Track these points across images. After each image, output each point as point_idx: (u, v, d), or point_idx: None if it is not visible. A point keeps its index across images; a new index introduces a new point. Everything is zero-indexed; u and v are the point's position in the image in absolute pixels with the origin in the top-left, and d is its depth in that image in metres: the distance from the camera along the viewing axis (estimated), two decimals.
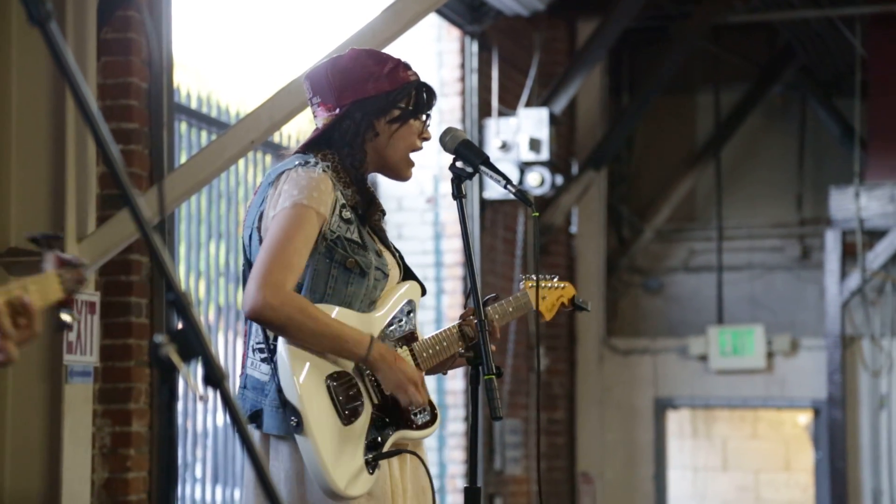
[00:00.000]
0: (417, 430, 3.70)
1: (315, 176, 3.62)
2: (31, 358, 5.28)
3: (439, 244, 9.36)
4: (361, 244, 3.66)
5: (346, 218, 3.65)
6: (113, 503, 5.96)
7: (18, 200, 5.34)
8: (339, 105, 3.71)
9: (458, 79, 9.49)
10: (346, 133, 3.71)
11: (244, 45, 8.03)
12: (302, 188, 3.59)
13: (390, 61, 3.75)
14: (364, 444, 3.58)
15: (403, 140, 3.74)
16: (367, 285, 3.67)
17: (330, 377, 3.58)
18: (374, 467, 3.58)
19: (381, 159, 3.75)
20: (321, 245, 3.62)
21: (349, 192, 3.69)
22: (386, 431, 3.63)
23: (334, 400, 3.56)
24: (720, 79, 11.68)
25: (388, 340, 3.70)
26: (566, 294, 4.21)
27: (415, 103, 3.74)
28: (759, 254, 11.60)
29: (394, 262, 3.81)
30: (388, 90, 3.70)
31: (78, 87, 2.12)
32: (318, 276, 3.63)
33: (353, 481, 3.53)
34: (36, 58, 5.31)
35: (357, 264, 3.64)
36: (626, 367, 11.39)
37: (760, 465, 12.53)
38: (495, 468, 9.68)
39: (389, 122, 3.72)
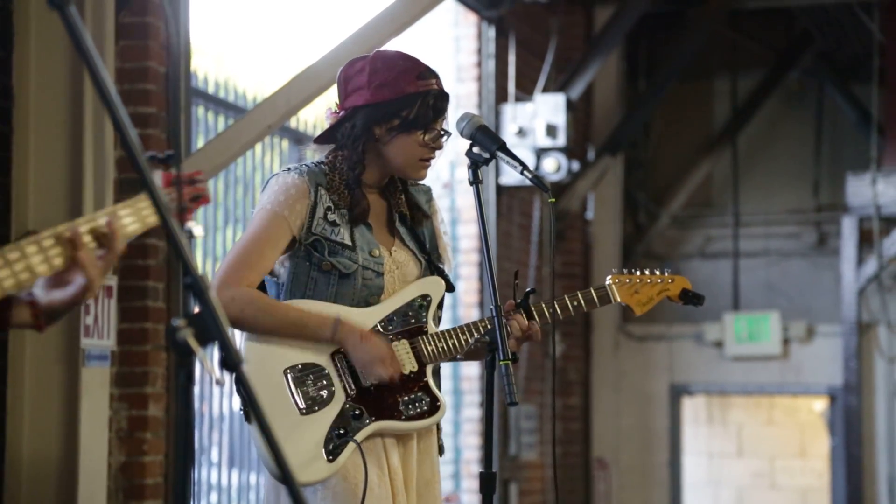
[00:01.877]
0: (406, 422, 3.71)
1: (288, 182, 3.72)
2: (48, 341, 5.30)
3: (455, 230, 9.36)
4: (350, 245, 3.71)
5: (332, 220, 3.71)
6: (130, 486, 5.98)
7: (36, 184, 5.36)
8: (344, 108, 3.78)
9: (474, 64, 9.48)
10: (346, 135, 3.77)
11: (262, 30, 8.04)
12: (272, 193, 3.72)
13: (399, 67, 3.74)
14: (326, 434, 3.61)
15: (403, 148, 3.75)
16: (353, 285, 3.71)
17: (291, 368, 3.65)
18: (335, 455, 3.60)
19: (384, 162, 3.79)
20: (299, 249, 3.70)
21: (341, 195, 3.73)
22: (360, 422, 3.65)
23: (292, 390, 3.63)
24: (737, 64, 11.65)
25: (382, 334, 3.72)
26: (674, 288, 4.06)
27: (416, 115, 3.73)
28: (776, 240, 11.58)
29: (408, 260, 3.82)
30: (390, 98, 3.71)
31: (97, 70, 2.12)
32: (297, 278, 3.72)
33: (303, 468, 3.57)
34: (54, 42, 5.32)
35: (334, 267, 3.69)
36: (641, 354, 11.39)
37: (776, 452, 12.53)
38: (510, 453, 9.69)
39: (389, 129, 3.74)
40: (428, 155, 3.77)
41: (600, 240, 11.10)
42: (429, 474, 3.79)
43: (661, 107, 11.47)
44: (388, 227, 3.85)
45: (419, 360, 3.74)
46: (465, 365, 9.24)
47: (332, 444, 3.61)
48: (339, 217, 3.72)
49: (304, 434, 3.60)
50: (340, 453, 3.61)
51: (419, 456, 3.76)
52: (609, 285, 3.99)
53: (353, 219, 3.74)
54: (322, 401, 3.63)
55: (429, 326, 3.79)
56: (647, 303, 4.04)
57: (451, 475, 9.38)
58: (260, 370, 3.63)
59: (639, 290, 4.03)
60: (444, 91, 3.78)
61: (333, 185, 3.74)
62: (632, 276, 4.02)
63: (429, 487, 3.79)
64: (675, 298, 4.08)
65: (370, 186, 3.81)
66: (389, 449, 3.69)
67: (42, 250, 2.34)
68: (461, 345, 3.76)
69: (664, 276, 4.06)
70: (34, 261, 2.32)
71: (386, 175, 3.83)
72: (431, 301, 3.81)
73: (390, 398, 3.69)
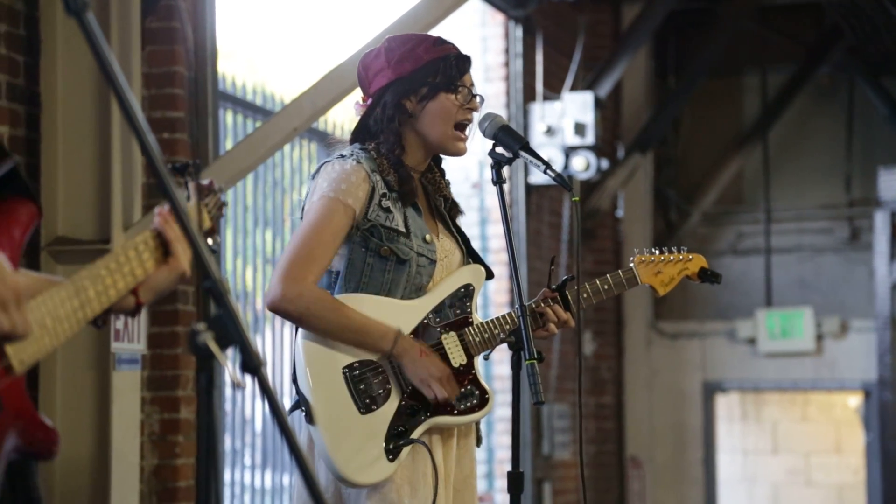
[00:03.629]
0: (458, 416, 3.69)
1: (347, 168, 3.65)
2: (79, 346, 5.33)
3: (485, 229, 9.36)
4: (404, 232, 3.67)
5: (386, 206, 3.67)
6: (162, 489, 6.00)
7: (65, 190, 5.38)
8: (370, 95, 3.75)
9: (502, 64, 9.48)
10: (379, 119, 3.73)
11: (289, 33, 8.06)
12: (331, 181, 3.64)
13: (413, 40, 3.76)
14: (386, 433, 3.60)
15: (437, 116, 3.72)
16: (408, 272, 3.68)
17: (349, 367, 3.61)
18: (395, 455, 3.59)
19: (422, 139, 3.75)
20: (356, 235, 3.65)
21: (391, 179, 3.70)
22: (417, 419, 3.64)
23: (351, 389, 3.60)
24: (767, 60, 11.60)
25: (432, 326, 3.71)
26: (692, 266, 4.01)
27: (442, 77, 3.72)
28: (808, 236, 11.53)
29: (453, 248, 3.81)
30: (412, 69, 3.70)
31: (114, 76, 2.13)
32: (353, 265, 3.67)
33: (364, 469, 3.56)
34: (81, 48, 5.35)
35: (392, 252, 3.65)
36: (674, 351, 11.36)
37: (811, 448, 12.47)
38: (543, 453, 9.68)
39: (419, 100, 3.72)
40: (462, 117, 3.74)
41: (631, 238, 11.07)
42: (467, 470, 3.78)
43: (691, 103, 11.44)
44: (431, 213, 3.83)
45: (467, 351, 3.72)
46: (497, 364, 9.23)
47: (391, 443, 3.59)
48: (392, 202, 3.68)
49: (364, 434, 3.58)
50: (400, 452, 3.60)
51: (459, 452, 3.75)
52: (633, 266, 3.97)
53: (402, 198, 3.70)
54: (380, 399, 3.61)
55: (474, 317, 3.77)
56: (668, 283, 4.00)
57: (485, 475, 9.38)
58: (319, 370, 3.60)
59: (661, 271, 3.99)
60: (463, 52, 3.78)
61: (384, 168, 3.69)
62: (654, 255, 3.99)
63: (466, 483, 3.77)
64: (694, 277, 4.03)
65: (412, 169, 3.76)
66: (434, 446, 3.67)
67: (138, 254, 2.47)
68: (505, 335, 3.72)
69: (684, 254, 4.01)
70: (134, 264, 2.46)
71: (425, 156, 3.79)
72: (474, 290, 3.78)
73: None
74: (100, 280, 2.38)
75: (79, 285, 2.35)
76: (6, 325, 2.16)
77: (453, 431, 3.73)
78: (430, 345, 3.70)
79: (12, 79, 5.33)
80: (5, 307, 2.15)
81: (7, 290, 2.15)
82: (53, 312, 2.30)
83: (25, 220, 2.37)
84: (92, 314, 2.38)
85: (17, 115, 5.36)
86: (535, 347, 3.58)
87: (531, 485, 9.42)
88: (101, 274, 2.39)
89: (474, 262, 3.86)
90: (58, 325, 2.30)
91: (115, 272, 2.41)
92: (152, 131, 2.18)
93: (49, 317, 2.29)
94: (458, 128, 3.75)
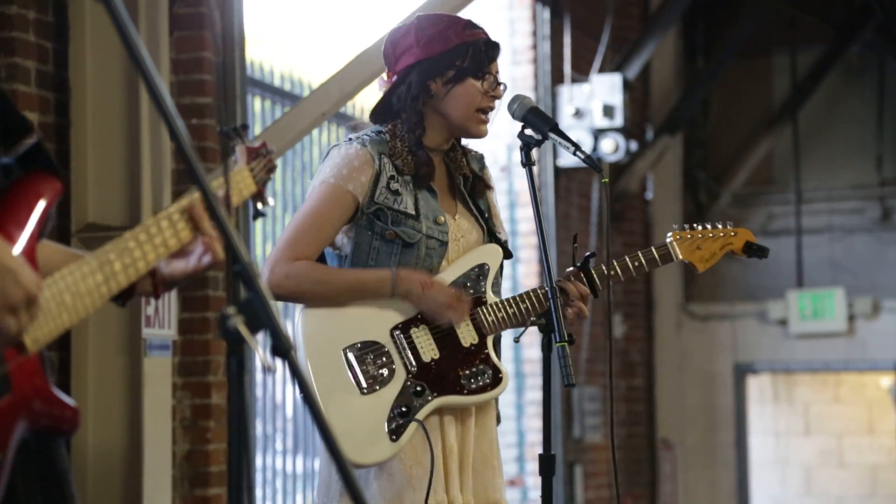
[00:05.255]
0: (469, 396, 3.66)
1: (350, 152, 3.65)
2: (110, 332, 5.35)
3: (514, 213, 9.35)
4: (413, 214, 3.66)
5: (394, 189, 3.65)
6: (194, 474, 6.02)
7: (95, 176, 5.40)
8: (396, 72, 3.73)
9: (530, 46, 9.46)
10: (402, 98, 3.72)
11: (317, 17, 8.05)
12: (333, 166, 3.65)
13: (444, 21, 3.74)
14: (389, 413, 3.58)
15: (462, 99, 3.71)
16: (416, 254, 3.67)
17: (350, 347, 3.60)
18: (397, 434, 3.57)
19: (444, 120, 3.73)
20: (361, 219, 3.64)
21: (405, 160, 3.69)
22: (422, 398, 3.61)
23: (352, 370, 3.59)
24: (796, 40, 11.53)
25: None
26: (737, 242, 3.94)
27: (471, 62, 3.71)
28: (839, 216, 11.47)
29: (471, 227, 3.79)
30: (441, 51, 3.69)
31: (142, 61, 2.13)
32: (360, 248, 3.66)
33: (365, 449, 3.54)
34: (110, 33, 5.35)
35: (398, 236, 3.64)
36: (704, 333, 11.32)
37: (843, 429, 12.42)
38: (574, 436, 9.67)
39: (445, 82, 3.71)
40: (486, 104, 3.73)
41: (660, 220, 11.03)
42: (486, 450, 3.74)
43: (720, 84, 11.38)
44: (451, 193, 3.81)
45: (479, 331, 3.70)
46: (527, 347, 9.22)
47: (394, 423, 3.57)
48: (402, 185, 3.67)
49: (366, 414, 3.57)
50: (403, 432, 3.57)
51: (477, 431, 3.71)
52: (670, 242, 3.92)
53: (417, 181, 3.69)
54: (383, 379, 3.60)
55: (487, 296, 3.74)
56: (709, 258, 3.93)
57: (515, 458, 9.37)
58: (320, 350, 3.59)
59: (701, 246, 3.93)
60: (492, 39, 3.76)
61: (396, 152, 3.69)
62: (693, 231, 3.93)
63: (486, 463, 3.73)
64: (739, 252, 3.96)
65: (432, 150, 3.75)
66: (447, 427, 3.65)
67: (172, 224, 2.43)
68: (520, 314, 3.71)
69: (727, 229, 3.95)
70: (168, 234, 2.42)
71: (447, 137, 3.77)
72: (489, 270, 3.75)
73: (451, 372, 3.65)
74: (127, 253, 2.37)
75: (103, 259, 2.34)
76: (13, 328, 2.16)
77: (471, 411, 3.70)
78: (440, 324, 3.68)
79: (41, 65, 5.35)
80: (15, 310, 2.15)
81: (19, 291, 2.15)
82: (74, 288, 2.29)
83: (49, 196, 2.37)
84: (118, 288, 2.37)
85: (47, 101, 5.37)
86: (566, 330, 3.57)
87: (562, 468, 9.42)
88: (129, 246, 2.37)
89: (493, 242, 3.83)
90: (78, 302, 2.30)
91: (144, 244, 2.39)
92: (181, 117, 2.18)
93: (68, 293, 2.28)
94: (479, 111, 3.74)
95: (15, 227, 2.27)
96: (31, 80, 5.29)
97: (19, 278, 2.15)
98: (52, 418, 2.30)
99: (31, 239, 2.31)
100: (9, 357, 2.21)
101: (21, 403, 2.24)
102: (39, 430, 2.28)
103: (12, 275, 2.14)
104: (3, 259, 2.15)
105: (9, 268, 2.15)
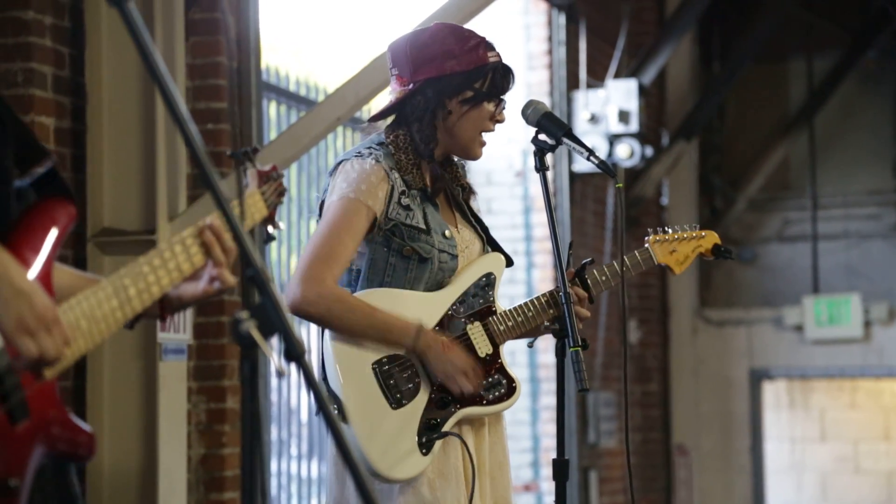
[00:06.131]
0: (487, 406, 3.68)
1: (366, 168, 3.63)
2: (125, 336, 5.35)
3: (528, 218, 9.34)
4: (425, 229, 3.66)
5: (405, 204, 3.65)
6: (210, 478, 6.03)
7: (111, 181, 5.41)
8: (414, 80, 3.71)
9: (545, 52, 9.45)
10: (417, 109, 3.70)
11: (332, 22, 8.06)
12: (350, 181, 3.62)
13: (472, 39, 3.72)
14: (418, 426, 3.59)
15: (474, 122, 3.71)
16: (430, 269, 3.67)
17: (378, 363, 3.60)
18: (428, 448, 3.58)
19: (450, 138, 3.73)
20: (377, 235, 3.64)
21: (414, 175, 3.69)
22: (448, 410, 3.63)
23: (381, 385, 3.59)
24: (813, 46, 11.52)
25: (457, 317, 3.70)
26: (706, 243, 4.01)
27: (490, 86, 3.71)
28: (855, 222, 11.45)
29: (473, 237, 3.80)
30: (465, 70, 3.68)
31: (156, 66, 2.14)
32: (376, 265, 3.66)
33: (398, 464, 3.55)
34: (126, 38, 5.34)
35: (415, 251, 3.64)
36: (720, 339, 11.30)
37: (859, 436, 12.39)
38: (589, 441, 9.67)
39: (462, 102, 3.70)
40: (490, 128, 3.74)
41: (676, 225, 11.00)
42: (501, 457, 3.77)
43: (736, 90, 11.37)
44: (449, 205, 3.82)
45: (493, 341, 3.72)
46: (541, 352, 9.22)
47: (424, 436, 3.58)
48: (412, 200, 3.67)
49: (397, 429, 3.58)
50: (433, 445, 3.59)
51: (491, 439, 3.74)
52: (648, 247, 3.97)
53: (428, 195, 3.69)
54: (410, 393, 3.61)
55: (496, 305, 3.76)
56: (683, 261, 3.99)
57: (530, 463, 9.37)
58: (349, 367, 3.59)
59: (676, 249, 3.99)
60: (508, 65, 3.77)
61: (402, 166, 3.68)
62: (667, 234, 4.00)
63: (501, 470, 3.77)
64: (708, 254, 4.03)
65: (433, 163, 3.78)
66: (466, 436, 3.66)
67: (185, 248, 2.47)
68: (529, 322, 3.72)
69: (696, 231, 4.02)
70: (181, 259, 2.46)
71: (445, 152, 3.78)
72: (495, 279, 3.76)
73: None
74: (141, 278, 2.39)
75: (118, 284, 2.36)
76: (34, 351, 2.17)
77: (484, 420, 3.72)
78: (456, 336, 3.69)
79: (58, 70, 5.36)
80: (34, 333, 2.16)
81: (34, 315, 2.16)
82: (90, 314, 2.31)
83: (64, 221, 2.39)
84: (132, 313, 2.38)
85: (63, 106, 5.39)
86: (579, 335, 3.58)
87: (577, 473, 9.40)
88: (142, 271, 2.39)
89: (493, 250, 3.84)
90: (94, 327, 2.31)
91: (158, 269, 2.42)
92: (196, 122, 2.19)
93: (84, 318, 2.30)
94: (481, 134, 3.76)
95: (30, 251, 2.29)
96: (48, 84, 5.31)
97: (33, 301, 2.16)
98: (69, 444, 2.31)
99: (47, 264, 2.32)
100: (26, 383, 2.22)
101: (39, 428, 2.25)
102: (56, 456, 2.29)
103: (27, 298, 2.16)
104: (17, 282, 2.17)
105: (22, 291, 2.16)
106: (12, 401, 2.19)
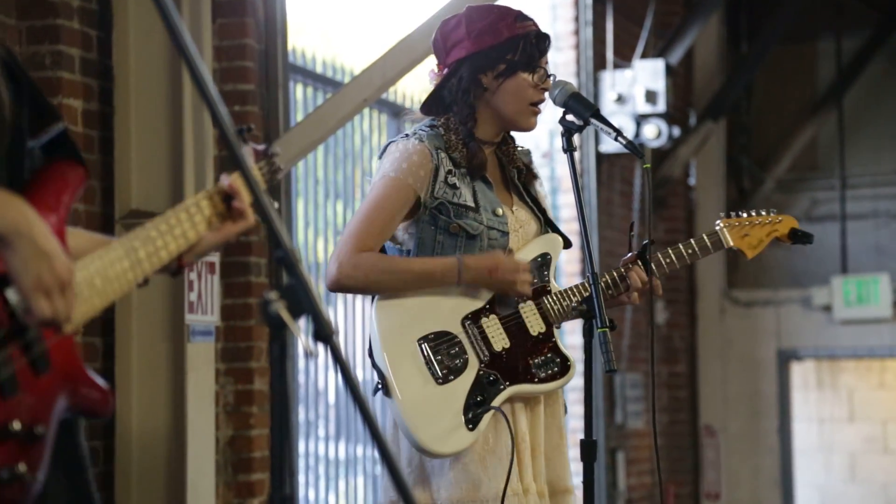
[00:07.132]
0: (539, 384, 3.69)
1: (409, 148, 3.67)
2: (153, 318, 5.38)
3: (556, 199, 9.33)
4: (473, 207, 3.68)
5: (452, 183, 3.67)
6: (237, 460, 6.05)
7: (138, 163, 5.43)
8: (447, 65, 3.74)
9: (572, 32, 9.42)
10: (454, 91, 3.73)
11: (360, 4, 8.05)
12: (393, 160, 3.66)
13: (495, 13, 3.74)
14: (464, 402, 3.60)
15: (513, 94, 3.72)
16: (479, 247, 3.68)
17: (424, 338, 3.62)
18: (474, 424, 3.59)
19: (495, 113, 3.75)
20: (424, 214, 3.66)
21: (461, 153, 3.70)
22: (496, 388, 3.64)
23: (428, 360, 3.61)
24: (841, 25, 11.44)
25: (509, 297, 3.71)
26: (782, 227, 3.98)
27: (522, 55, 3.71)
28: (884, 201, 11.39)
29: (529, 218, 3.81)
30: (492, 44, 3.70)
31: (186, 48, 2.14)
32: (424, 243, 3.68)
33: (444, 439, 3.56)
34: (152, 21, 5.38)
35: (461, 228, 3.66)
36: (747, 319, 11.27)
37: (888, 416, 12.35)
38: (616, 422, 9.66)
39: (496, 76, 3.71)
40: (537, 98, 3.74)
41: (703, 206, 10.99)
42: (557, 438, 3.78)
43: (764, 70, 11.31)
44: (506, 185, 3.84)
45: (546, 320, 3.72)
46: (569, 334, 9.20)
47: (470, 412, 3.59)
48: (460, 178, 3.69)
49: (443, 404, 3.59)
50: (480, 421, 3.60)
51: (546, 420, 3.75)
52: (720, 229, 3.94)
53: (471, 172, 3.71)
54: (457, 369, 3.62)
55: (552, 285, 3.77)
56: (757, 245, 3.96)
57: None
58: (395, 343, 3.62)
59: (748, 233, 3.96)
60: (543, 31, 3.77)
61: (451, 145, 3.71)
62: (741, 218, 3.96)
63: (557, 451, 3.78)
64: (785, 238, 4.00)
65: (484, 143, 3.77)
66: (518, 414, 3.68)
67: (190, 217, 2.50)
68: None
69: (772, 215, 3.98)
70: (186, 226, 2.50)
71: (499, 130, 3.79)
72: (551, 259, 3.78)
73: (522, 362, 3.68)
74: (150, 242, 2.41)
75: (129, 246, 2.38)
76: (47, 312, 2.19)
77: (539, 399, 3.73)
78: (508, 314, 3.69)
79: (85, 53, 5.37)
80: (49, 294, 2.18)
81: (52, 276, 2.18)
82: (103, 273, 2.33)
83: (74, 184, 2.40)
84: (142, 275, 2.41)
85: (91, 88, 5.40)
86: (607, 316, 3.57)
87: (604, 454, 9.40)
88: (151, 236, 2.42)
89: (552, 232, 3.84)
90: (107, 286, 2.33)
91: (165, 234, 2.45)
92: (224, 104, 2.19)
93: (99, 277, 2.32)
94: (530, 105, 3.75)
95: (45, 210, 2.30)
96: (76, 67, 5.32)
97: (54, 263, 2.18)
98: (87, 398, 2.33)
99: (60, 223, 2.34)
100: (47, 336, 2.24)
101: (61, 380, 2.28)
102: (75, 411, 2.31)
103: (48, 259, 2.18)
104: (41, 242, 2.18)
105: (45, 251, 2.18)
106: (35, 351, 2.22)
